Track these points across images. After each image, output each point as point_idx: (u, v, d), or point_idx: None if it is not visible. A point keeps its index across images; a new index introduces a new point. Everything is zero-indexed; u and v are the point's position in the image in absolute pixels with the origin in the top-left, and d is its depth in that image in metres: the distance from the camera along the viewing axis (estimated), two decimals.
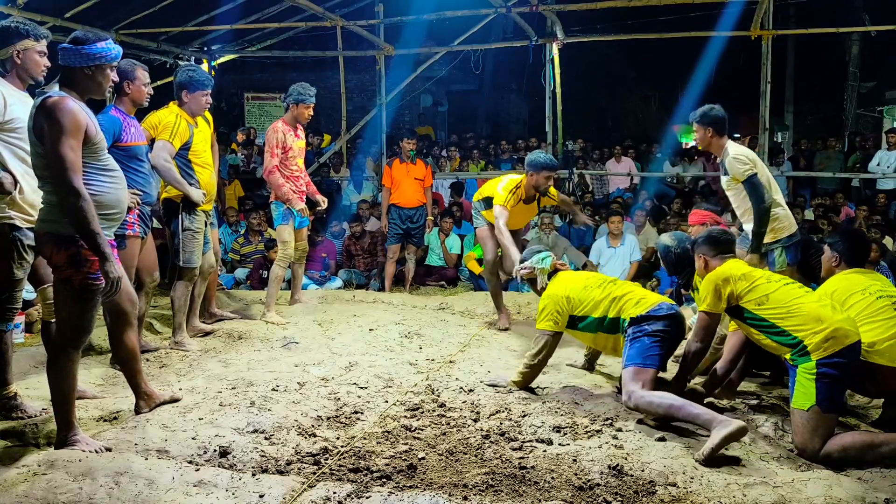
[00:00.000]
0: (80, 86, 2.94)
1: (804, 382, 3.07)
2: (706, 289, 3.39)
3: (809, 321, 3.11)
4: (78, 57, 2.91)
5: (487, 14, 9.08)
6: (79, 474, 2.67)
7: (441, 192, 10.02)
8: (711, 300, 3.36)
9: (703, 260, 3.61)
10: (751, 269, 3.43)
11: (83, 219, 2.78)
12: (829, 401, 3.05)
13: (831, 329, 3.06)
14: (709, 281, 3.39)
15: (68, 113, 2.79)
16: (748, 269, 3.44)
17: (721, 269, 3.40)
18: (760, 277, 3.34)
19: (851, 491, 2.69)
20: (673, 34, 9.57)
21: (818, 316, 3.12)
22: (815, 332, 3.07)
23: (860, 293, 3.45)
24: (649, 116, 20.25)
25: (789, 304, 3.19)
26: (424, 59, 10.36)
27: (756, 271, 3.43)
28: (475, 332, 5.32)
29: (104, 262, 2.85)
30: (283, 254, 5.64)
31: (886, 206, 9.04)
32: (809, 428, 3.03)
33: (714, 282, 3.36)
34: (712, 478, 2.79)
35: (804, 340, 3.09)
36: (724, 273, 3.37)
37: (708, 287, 3.38)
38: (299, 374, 4.07)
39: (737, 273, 3.35)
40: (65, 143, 2.77)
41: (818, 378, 3.04)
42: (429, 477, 2.80)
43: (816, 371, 3.05)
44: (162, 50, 9.48)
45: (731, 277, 3.33)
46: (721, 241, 3.60)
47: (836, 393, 3.11)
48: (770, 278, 3.37)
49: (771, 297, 3.24)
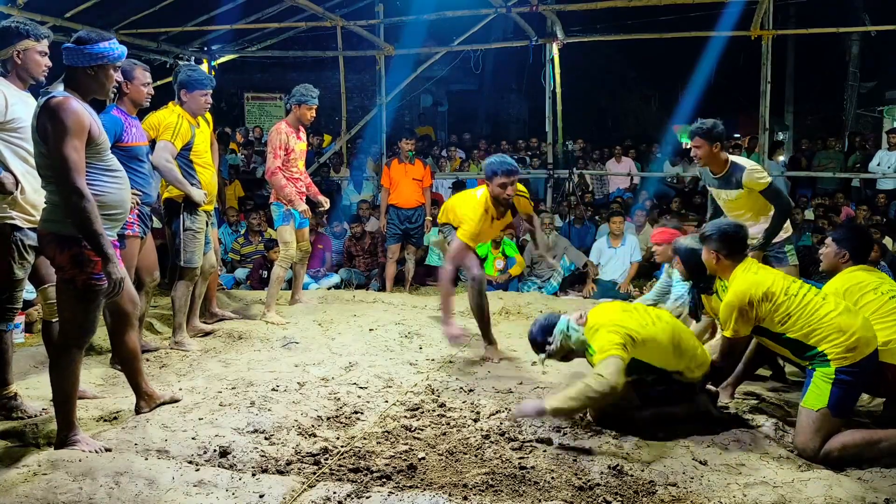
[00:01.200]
0: (83, 86, 2.94)
1: (820, 384, 3.07)
2: (729, 314, 3.25)
3: (832, 333, 3.08)
4: (81, 57, 2.90)
5: (487, 14, 9.09)
6: (79, 474, 2.67)
7: (441, 192, 10.03)
8: (737, 325, 3.24)
9: (714, 256, 3.44)
10: (769, 285, 3.23)
11: (86, 219, 2.79)
12: (841, 406, 3.05)
13: (854, 340, 3.05)
14: (730, 306, 3.24)
15: (72, 113, 2.79)
16: (767, 284, 3.23)
17: (743, 291, 3.23)
18: (780, 294, 3.20)
19: (851, 491, 2.70)
20: (673, 34, 9.57)
21: (840, 327, 3.08)
22: (838, 344, 3.05)
23: (872, 292, 3.43)
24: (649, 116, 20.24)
25: (811, 318, 3.12)
26: (424, 59, 10.36)
27: (774, 285, 3.23)
28: (475, 331, 5.32)
29: (107, 262, 2.85)
30: (285, 254, 5.64)
31: (886, 206, 9.05)
32: (814, 429, 3.03)
33: (737, 306, 3.22)
34: (712, 478, 2.79)
35: (826, 351, 3.08)
36: (746, 296, 3.21)
37: (731, 312, 3.24)
38: (299, 374, 4.07)
39: (758, 294, 3.20)
40: (68, 143, 2.77)
41: (835, 383, 3.04)
42: (429, 477, 2.81)
43: (835, 377, 3.04)
44: (162, 50, 9.48)
45: (753, 300, 3.19)
46: (735, 240, 3.42)
47: (850, 399, 3.12)
48: (788, 291, 3.22)
49: (793, 315, 3.15)
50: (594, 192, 10.50)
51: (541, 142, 10.67)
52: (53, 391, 3.00)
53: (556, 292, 7.30)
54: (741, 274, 3.32)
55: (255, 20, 9.33)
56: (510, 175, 4.35)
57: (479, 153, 11.63)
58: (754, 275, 3.30)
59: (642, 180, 10.72)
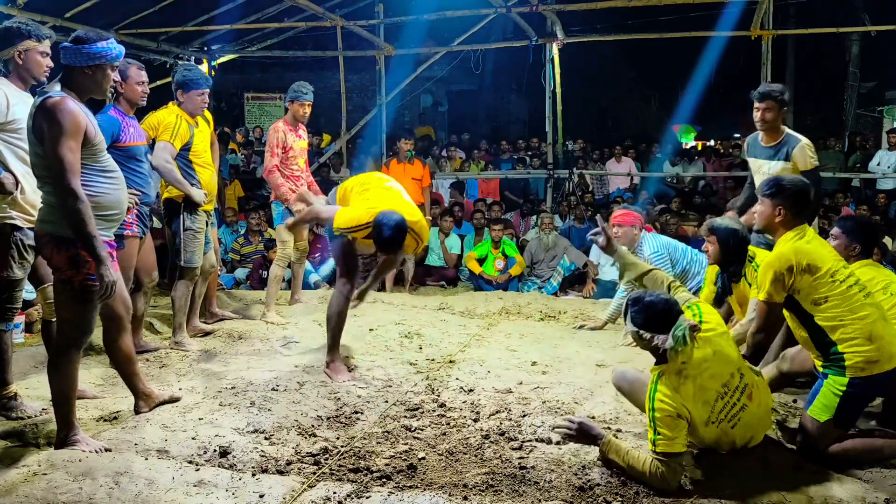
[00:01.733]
0: (80, 85, 2.94)
1: (828, 395, 2.96)
2: (766, 276, 3.01)
3: (859, 337, 2.92)
4: (78, 56, 2.90)
5: (487, 14, 9.08)
6: (79, 474, 2.67)
7: (441, 192, 10.02)
8: (772, 289, 3.00)
9: (777, 211, 3.12)
10: (817, 260, 2.99)
11: (80, 221, 2.79)
12: (846, 418, 2.99)
13: (876, 352, 2.91)
14: (770, 267, 3.02)
15: (68, 114, 2.78)
16: (815, 258, 2.99)
17: (787, 256, 2.99)
18: (825, 274, 2.97)
19: (851, 491, 2.70)
20: (673, 34, 9.58)
21: (870, 333, 2.92)
22: (860, 352, 2.91)
23: (882, 291, 3.37)
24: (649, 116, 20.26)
25: (845, 313, 2.94)
26: (424, 59, 10.36)
27: (823, 261, 3.00)
28: (475, 332, 5.32)
29: (100, 265, 2.84)
30: (282, 253, 5.63)
31: (886, 206, 9.05)
32: (816, 435, 2.98)
33: (776, 268, 2.99)
34: (712, 477, 2.79)
35: (845, 355, 2.93)
36: (788, 262, 2.97)
37: (768, 274, 3.01)
38: (299, 374, 4.06)
39: (802, 264, 2.96)
40: (64, 144, 2.77)
41: (844, 396, 2.93)
42: (429, 477, 2.80)
43: (845, 389, 2.92)
44: (162, 50, 9.48)
45: (794, 266, 2.96)
46: (805, 199, 3.11)
47: (855, 411, 3.04)
48: (835, 275, 2.98)
49: (830, 300, 2.95)
50: (594, 192, 10.50)
51: (541, 142, 10.67)
52: (52, 391, 3.00)
53: (556, 292, 7.30)
54: (791, 238, 3.09)
55: (255, 20, 9.33)
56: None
57: (479, 153, 11.64)
58: (806, 243, 3.06)
59: (642, 180, 10.72)
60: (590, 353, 4.74)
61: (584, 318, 5.94)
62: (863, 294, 3.02)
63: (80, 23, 7.47)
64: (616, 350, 4.87)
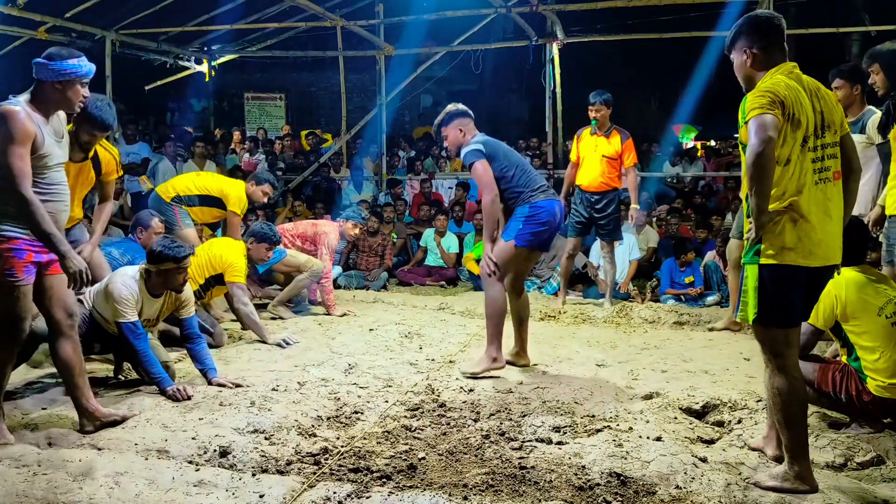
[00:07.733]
0: (49, 99, 3.01)
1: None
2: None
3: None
4: (48, 72, 2.97)
5: (487, 14, 9.09)
6: (79, 474, 2.67)
7: (441, 192, 10.02)
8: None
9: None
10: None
11: (36, 223, 2.87)
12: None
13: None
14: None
15: (18, 122, 2.85)
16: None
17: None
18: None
19: (851, 491, 2.69)
20: (673, 34, 9.58)
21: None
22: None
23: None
24: (649, 116, 20.25)
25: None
26: (424, 59, 10.36)
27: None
28: (475, 331, 5.32)
29: (63, 259, 2.90)
30: (313, 270, 5.80)
31: None
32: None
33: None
34: (712, 478, 2.78)
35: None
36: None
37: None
38: (299, 374, 4.07)
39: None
40: (13, 151, 2.83)
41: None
42: (429, 477, 2.80)
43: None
44: (162, 50, 9.49)
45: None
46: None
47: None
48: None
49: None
50: None
51: (541, 142, 10.67)
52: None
53: (556, 292, 7.29)
54: None
55: (255, 20, 9.34)
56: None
57: None
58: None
59: (642, 180, 10.69)
60: (590, 353, 4.74)
61: (584, 319, 5.95)
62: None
63: (80, 23, 7.49)
64: (616, 350, 4.88)
